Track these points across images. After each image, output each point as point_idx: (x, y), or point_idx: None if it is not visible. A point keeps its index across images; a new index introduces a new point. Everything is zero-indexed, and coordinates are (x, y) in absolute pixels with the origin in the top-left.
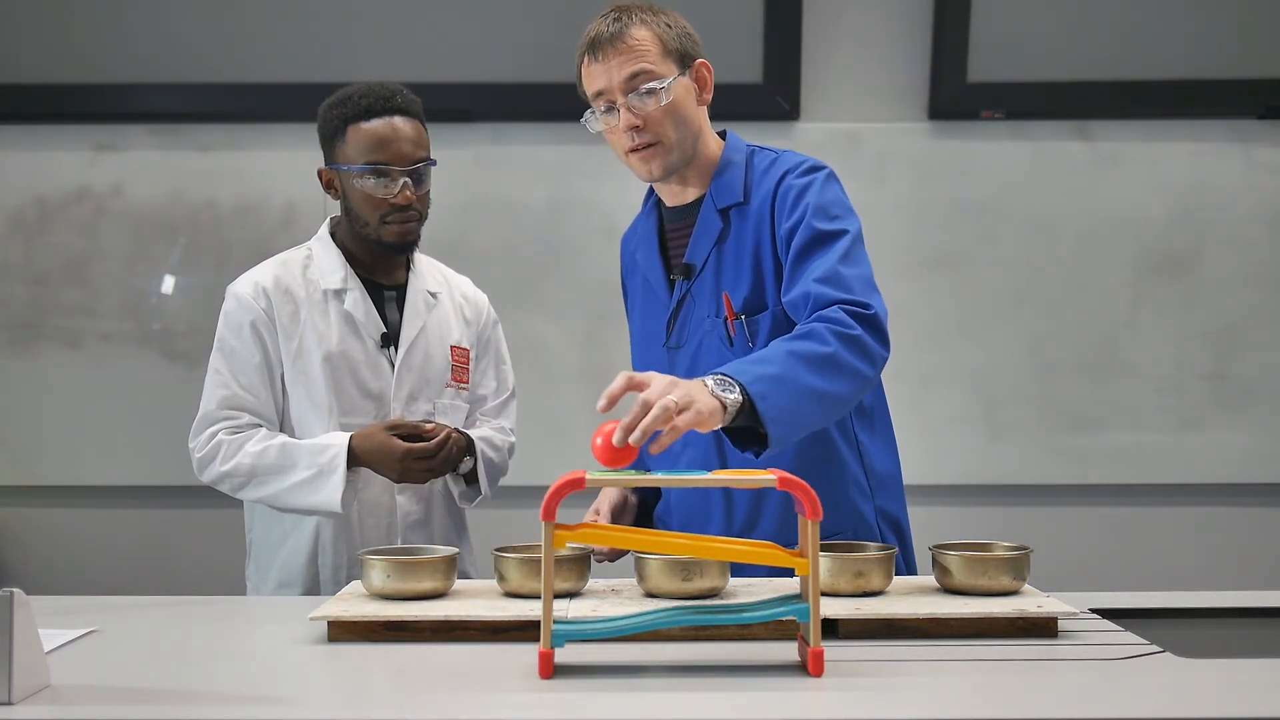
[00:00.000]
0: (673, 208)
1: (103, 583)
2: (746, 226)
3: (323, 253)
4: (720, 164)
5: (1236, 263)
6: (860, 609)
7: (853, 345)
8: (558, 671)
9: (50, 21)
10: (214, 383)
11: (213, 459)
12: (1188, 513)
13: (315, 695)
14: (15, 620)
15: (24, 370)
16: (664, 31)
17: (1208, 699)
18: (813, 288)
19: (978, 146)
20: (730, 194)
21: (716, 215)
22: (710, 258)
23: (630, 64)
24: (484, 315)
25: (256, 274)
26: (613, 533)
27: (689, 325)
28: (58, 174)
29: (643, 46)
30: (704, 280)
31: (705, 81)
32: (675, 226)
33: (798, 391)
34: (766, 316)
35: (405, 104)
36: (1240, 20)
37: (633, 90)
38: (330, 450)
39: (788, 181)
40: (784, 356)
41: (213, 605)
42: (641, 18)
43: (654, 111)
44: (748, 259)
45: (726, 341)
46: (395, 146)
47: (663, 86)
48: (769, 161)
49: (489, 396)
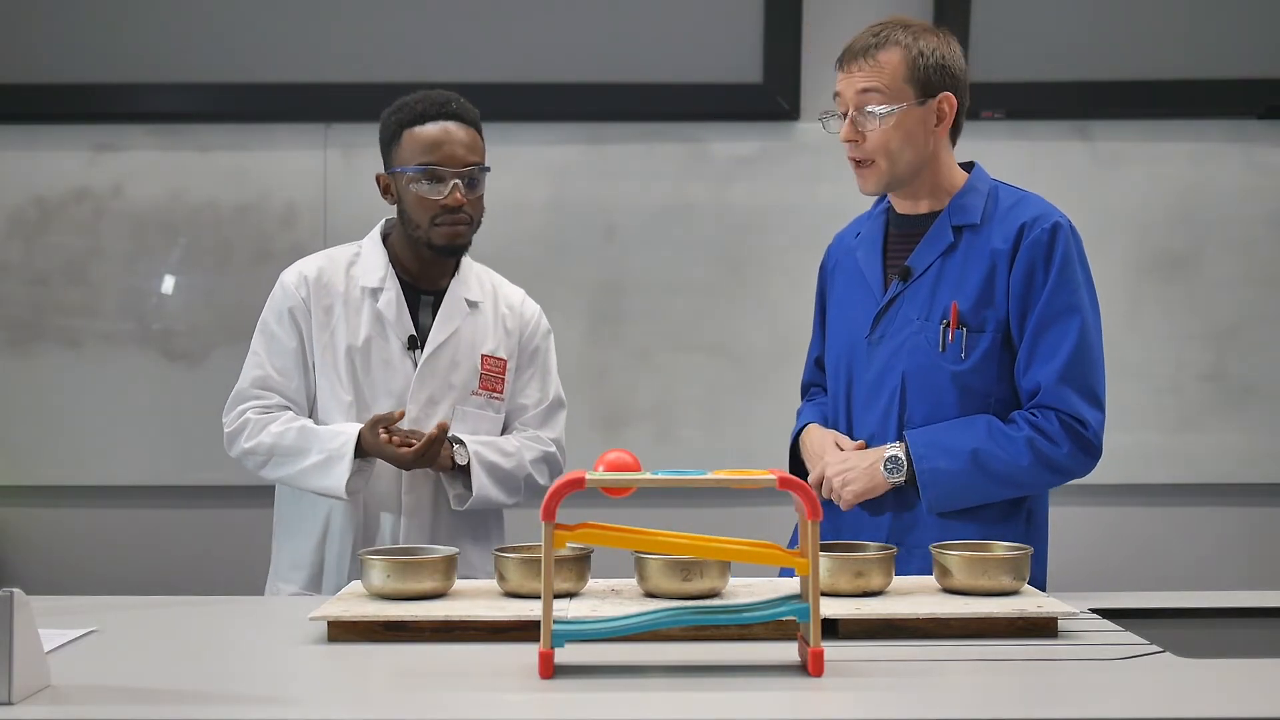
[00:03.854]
0: (902, 215)
1: (103, 583)
2: (979, 248)
3: (370, 251)
4: (964, 188)
5: (1236, 263)
6: (860, 609)
7: (1047, 465)
8: (558, 671)
9: (50, 21)
10: (251, 363)
11: (239, 434)
12: (1188, 513)
13: (315, 695)
14: (15, 620)
15: (24, 370)
16: (914, 58)
17: (1208, 699)
18: (1047, 386)
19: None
20: (967, 215)
21: (949, 230)
22: (933, 266)
23: (866, 81)
24: (529, 326)
25: (304, 264)
26: (613, 532)
27: (895, 323)
28: (58, 174)
29: (884, 69)
30: (921, 285)
31: (945, 115)
32: (900, 233)
33: (965, 488)
34: (985, 339)
35: (460, 110)
36: (1240, 20)
37: (861, 106)
38: (341, 437)
39: (1037, 230)
40: (968, 456)
41: (212, 605)
42: (899, 40)
43: (873, 131)
44: (975, 279)
45: (939, 346)
46: (447, 149)
47: (886, 111)
48: (1015, 199)
49: (530, 406)
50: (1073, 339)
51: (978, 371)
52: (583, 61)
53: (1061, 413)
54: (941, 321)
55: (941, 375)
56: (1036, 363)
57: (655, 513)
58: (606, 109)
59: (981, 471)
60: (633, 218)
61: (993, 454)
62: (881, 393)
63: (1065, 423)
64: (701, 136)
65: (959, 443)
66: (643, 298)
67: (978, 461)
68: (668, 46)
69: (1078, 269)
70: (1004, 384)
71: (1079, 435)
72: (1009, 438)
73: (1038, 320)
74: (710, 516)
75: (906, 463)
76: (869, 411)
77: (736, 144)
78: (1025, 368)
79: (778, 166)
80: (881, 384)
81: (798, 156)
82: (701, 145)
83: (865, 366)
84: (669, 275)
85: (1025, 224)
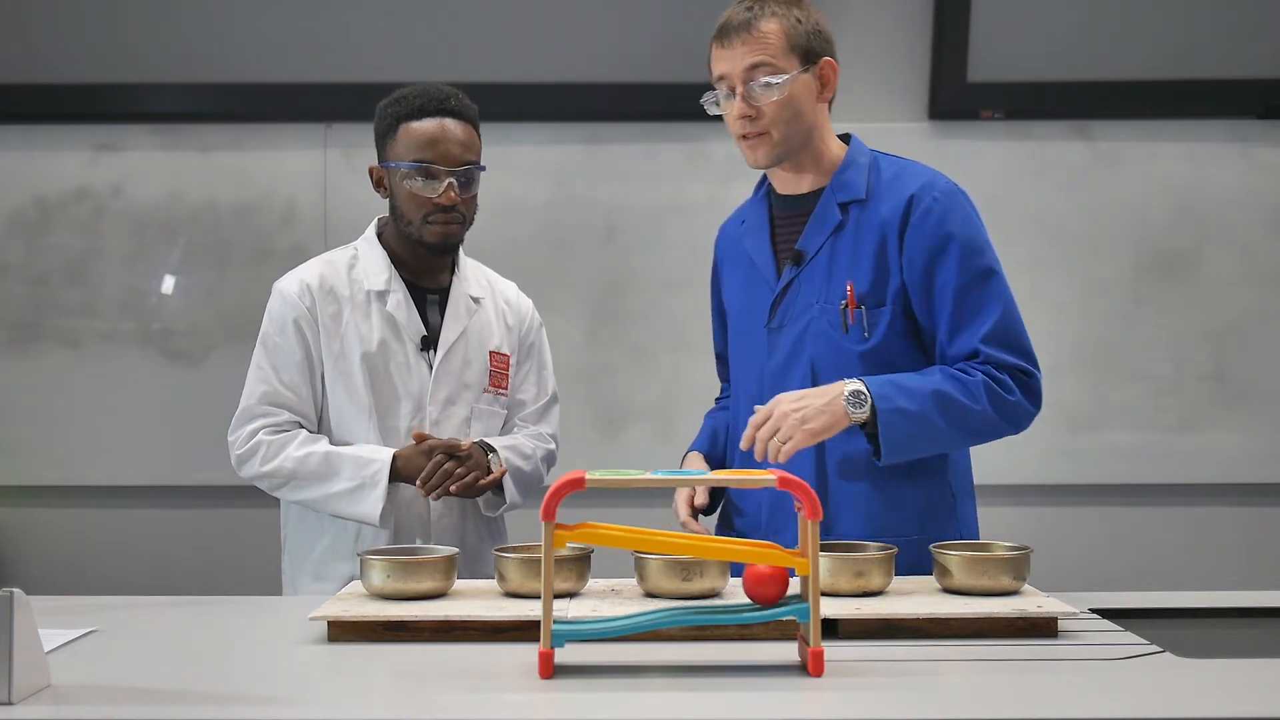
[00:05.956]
0: (785, 196)
1: (103, 583)
2: (868, 223)
3: (368, 253)
4: (844, 162)
5: (1236, 263)
6: (860, 609)
7: (1001, 411)
8: (558, 671)
9: (50, 21)
10: (256, 378)
11: (251, 457)
12: (1188, 513)
13: (315, 695)
14: (15, 620)
15: (24, 370)
16: (793, 27)
17: (1208, 699)
18: (983, 349)
19: (978, 146)
20: (851, 190)
21: (836, 208)
22: (824, 247)
23: (752, 55)
24: (527, 321)
25: (302, 272)
26: (613, 533)
27: (794, 308)
28: (58, 174)
29: (768, 39)
30: (815, 267)
31: (828, 80)
32: (786, 215)
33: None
34: (885, 313)
35: (459, 107)
36: (1240, 20)
37: (751, 80)
38: (375, 465)
39: (927, 199)
40: (930, 397)
41: (213, 605)
42: (774, 10)
43: (768, 104)
44: (868, 254)
45: (841, 327)
46: (443, 146)
47: (780, 81)
48: (897, 168)
49: (528, 402)
50: (998, 300)
51: (883, 346)
52: (583, 61)
53: (1005, 365)
54: (840, 302)
55: (848, 356)
56: (965, 328)
57: (655, 513)
58: (606, 109)
59: (943, 412)
60: (633, 218)
61: (953, 396)
62: (790, 380)
63: (1013, 373)
64: (701, 136)
65: (919, 385)
66: (643, 298)
67: (939, 401)
68: (668, 46)
69: (977, 229)
70: (909, 353)
71: (1026, 385)
72: (967, 381)
73: (957, 287)
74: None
75: (869, 398)
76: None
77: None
78: (951, 334)
79: None
80: (788, 371)
81: None
82: (701, 145)
83: (768, 355)
84: (669, 275)
85: (914, 195)
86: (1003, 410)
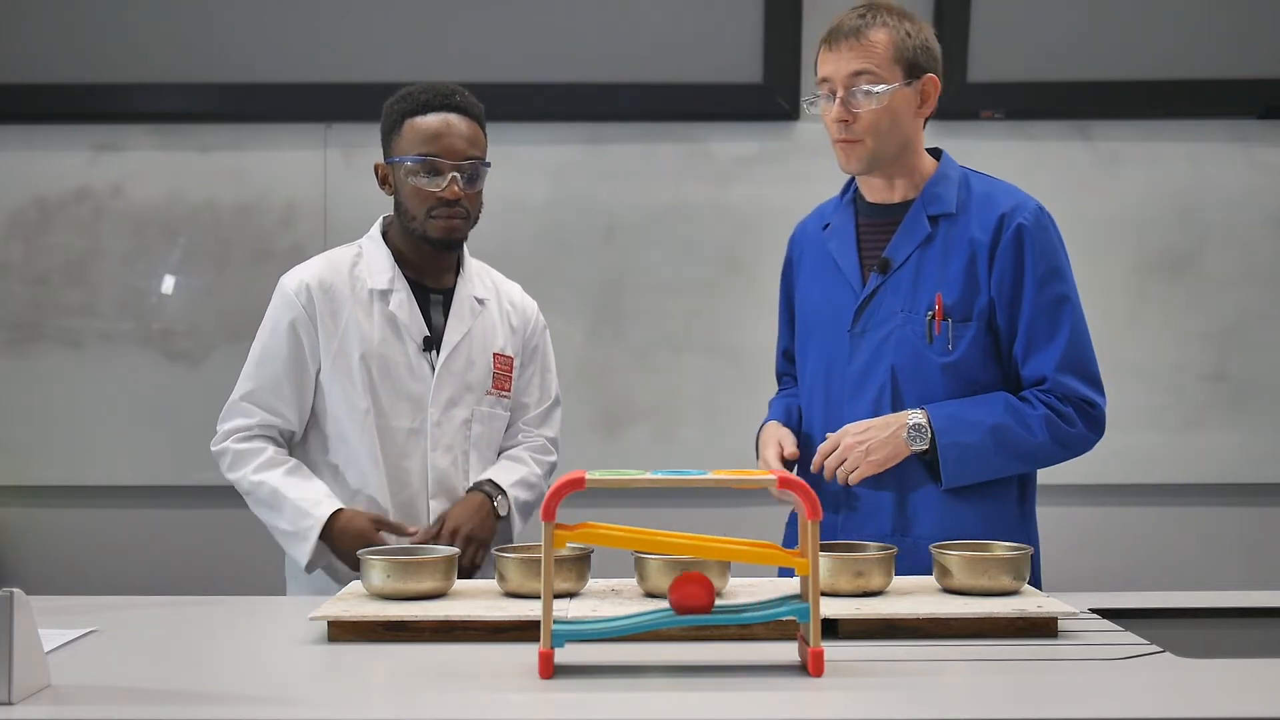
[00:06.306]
0: (873, 204)
1: (103, 583)
2: (957, 238)
3: (372, 251)
4: (935, 176)
5: (1236, 263)
6: (860, 609)
7: (1061, 441)
8: (558, 671)
9: (50, 21)
10: (244, 374)
11: (220, 459)
12: (1188, 513)
13: (315, 695)
14: (15, 620)
15: (24, 370)
16: (902, 39)
17: (1208, 699)
18: (1052, 376)
19: (978, 146)
20: (942, 204)
21: (925, 220)
22: (912, 257)
23: (858, 61)
24: (531, 323)
25: (303, 270)
26: (613, 533)
27: (877, 316)
28: (58, 174)
29: (875, 48)
30: (901, 276)
31: (929, 96)
32: (872, 222)
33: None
34: (970, 328)
35: (463, 103)
36: (1240, 20)
37: (853, 86)
38: (309, 520)
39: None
40: (989, 432)
41: (213, 605)
42: (885, 21)
43: (866, 111)
44: (957, 269)
45: (926, 338)
46: (447, 141)
47: (880, 90)
48: (988, 185)
49: (531, 405)
50: (1068, 327)
51: (965, 360)
52: (583, 61)
53: (1070, 396)
54: (927, 313)
55: (930, 366)
56: (1036, 352)
57: (655, 513)
58: (606, 109)
59: (1000, 446)
60: (633, 218)
61: (1011, 429)
62: (869, 385)
63: (1077, 405)
64: (701, 136)
65: (979, 418)
66: (643, 298)
67: (997, 436)
68: (668, 46)
69: (1061, 255)
70: (988, 369)
71: (1089, 415)
72: (1027, 415)
73: (1032, 310)
74: (710, 516)
75: (930, 431)
76: (856, 403)
77: (736, 144)
78: (1025, 356)
79: (777, 166)
80: (868, 376)
81: (797, 156)
82: (701, 145)
83: (848, 359)
84: (669, 275)
85: (1005, 214)
86: (1061, 440)
